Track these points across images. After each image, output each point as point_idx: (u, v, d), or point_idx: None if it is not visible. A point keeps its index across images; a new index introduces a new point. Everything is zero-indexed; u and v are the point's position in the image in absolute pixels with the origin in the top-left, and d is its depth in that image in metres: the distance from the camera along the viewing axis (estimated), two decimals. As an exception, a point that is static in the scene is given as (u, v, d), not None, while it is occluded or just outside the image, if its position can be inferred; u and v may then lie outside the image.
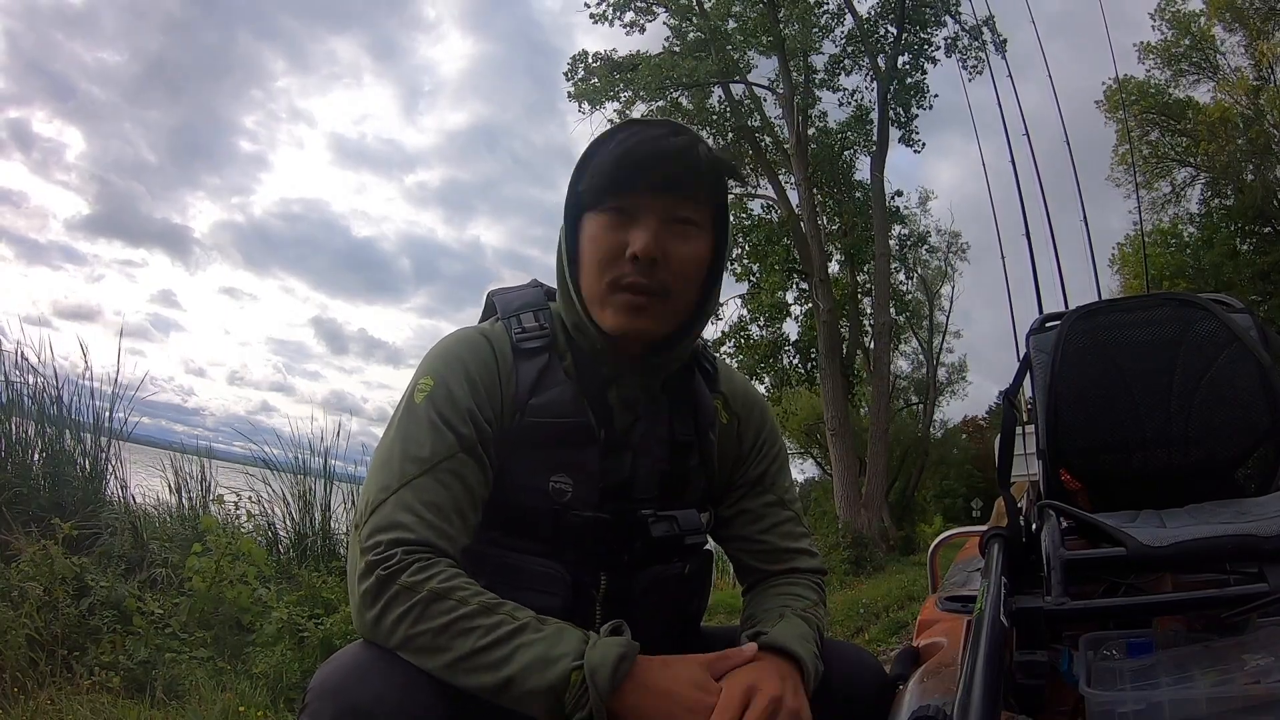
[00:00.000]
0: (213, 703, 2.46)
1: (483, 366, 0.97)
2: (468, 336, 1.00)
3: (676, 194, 0.95)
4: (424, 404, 0.93)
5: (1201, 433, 1.12)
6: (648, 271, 0.94)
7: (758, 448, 1.12)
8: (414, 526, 0.87)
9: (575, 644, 0.81)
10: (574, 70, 15.23)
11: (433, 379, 0.95)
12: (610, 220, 0.95)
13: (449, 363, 0.97)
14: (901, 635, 5.17)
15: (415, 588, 0.83)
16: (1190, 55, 17.75)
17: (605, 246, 0.95)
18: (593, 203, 0.96)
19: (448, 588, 0.84)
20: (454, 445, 0.92)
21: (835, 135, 16.20)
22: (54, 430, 3.64)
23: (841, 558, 10.66)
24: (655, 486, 1.02)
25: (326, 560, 3.98)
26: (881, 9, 15.67)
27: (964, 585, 1.20)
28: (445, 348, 0.99)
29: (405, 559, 0.85)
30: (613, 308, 0.95)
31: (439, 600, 0.83)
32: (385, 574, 0.85)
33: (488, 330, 1.02)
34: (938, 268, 24.89)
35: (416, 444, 0.91)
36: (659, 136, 0.96)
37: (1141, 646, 0.75)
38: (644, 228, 0.94)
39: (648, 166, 0.94)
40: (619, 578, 0.98)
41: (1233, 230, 18.34)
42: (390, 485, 0.90)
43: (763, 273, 16.18)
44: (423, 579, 0.84)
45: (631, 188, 0.94)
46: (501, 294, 1.08)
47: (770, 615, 0.99)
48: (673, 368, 1.04)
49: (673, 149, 0.95)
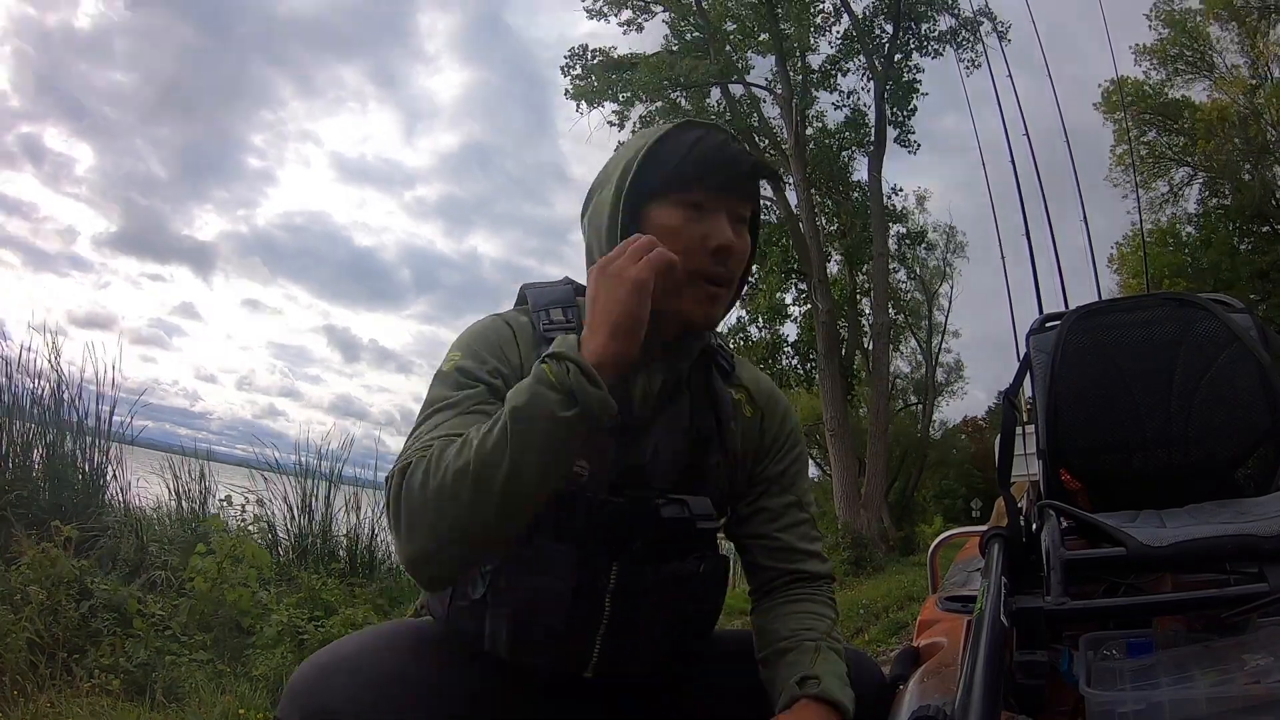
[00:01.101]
0: (212, 705, 2.46)
1: (506, 342, 1.01)
2: (491, 320, 1.05)
3: (742, 194, 1.02)
4: (451, 370, 0.98)
5: (1201, 433, 1.12)
6: (726, 263, 1.00)
7: (780, 443, 1.13)
8: (438, 442, 0.88)
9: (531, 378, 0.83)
10: (571, 65, 15.22)
11: (460, 352, 0.99)
12: (687, 213, 0.99)
13: (474, 339, 1.01)
14: (901, 635, 5.17)
15: (426, 450, 0.86)
16: (1185, 54, 17.76)
17: (688, 237, 0.98)
18: (669, 190, 1.00)
19: (455, 440, 0.85)
20: (483, 391, 0.95)
21: (833, 135, 16.21)
22: (55, 433, 3.64)
23: (841, 558, 10.66)
24: (673, 475, 1.02)
25: (326, 562, 3.98)
26: (876, 6, 15.68)
27: (964, 585, 1.20)
28: (471, 330, 1.04)
29: (423, 453, 0.87)
30: (694, 297, 1.00)
31: (448, 447, 0.85)
32: (404, 464, 0.86)
33: (511, 317, 1.05)
34: (936, 267, 24.93)
35: (443, 399, 0.95)
36: (725, 140, 1.03)
37: (1141, 646, 0.75)
38: (723, 224, 1.00)
39: (726, 166, 1.00)
40: (631, 570, 0.98)
41: (1231, 230, 18.35)
42: (421, 431, 0.92)
43: (761, 273, 16.19)
44: (434, 447, 0.86)
45: (712, 184, 1.00)
46: (534, 288, 1.10)
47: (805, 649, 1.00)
48: (694, 352, 1.06)
49: (737, 153, 1.02)
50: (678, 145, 1.01)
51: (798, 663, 0.97)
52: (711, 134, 1.03)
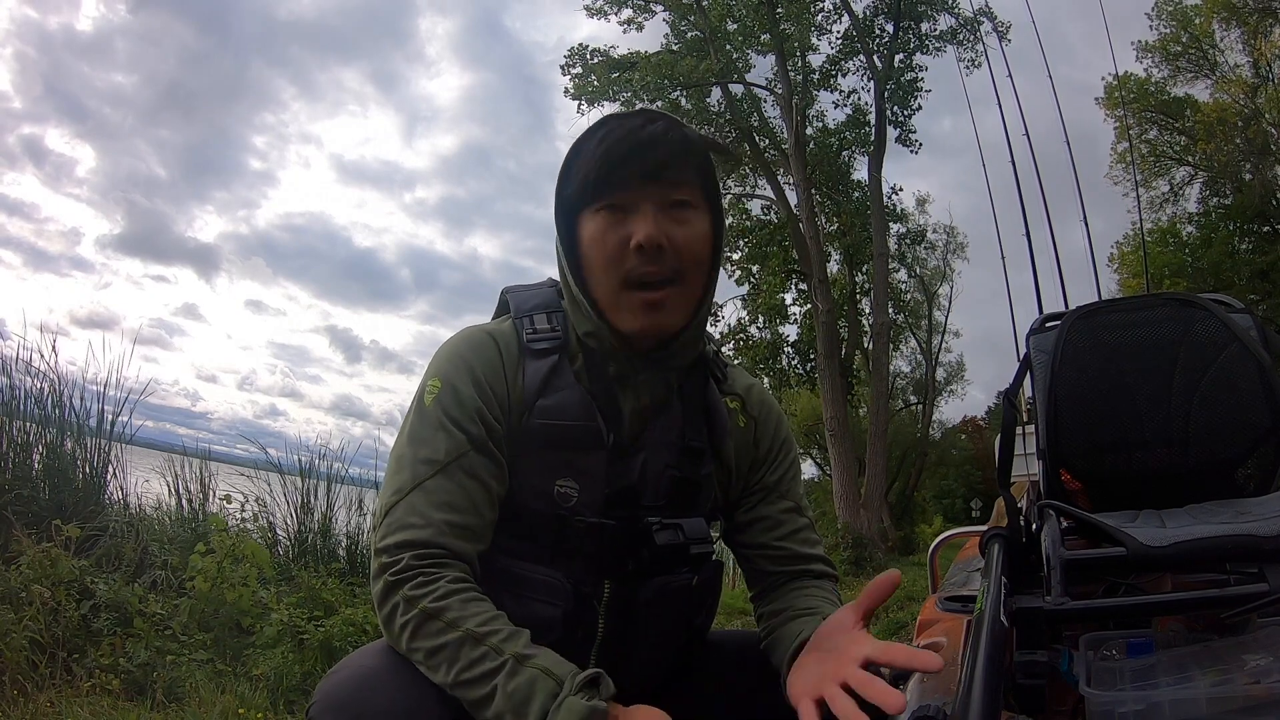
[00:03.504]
0: (212, 705, 2.45)
1: (488, 365, 0.96)
2: (473, 336, 1.00)
3: (667, 179, 0.94)
4: (433, 406, 0.94)
5: (1201, 433, 1.12)
6: (656, 259, 0.93)
7: (774, 453, 1.10)
8: (424, 528, 0.88)
9: (544, 699, 0.79)
10: (571, 64, 15.21)
11: (440, 381, 0.95)
12: (607, 217, 0.94)
13: (455, 364, 0.96)
14: (901, 635, 5.16)
15: (413, 602, 0.84)
16: (1189, 52, 17.74)
17: (609, 244, 0.93)
18: (586, 202, 0.95)
19: (439, 607, 0.84)
20: (464, 444, 0.92)
21: (834, 135, 16.20)
22: (55, 433, 3.64)
23: (841, 558, 10.66)
24: (665, 494, 1.00)
25: (326, 562, 3.98)
26: (877, 6, 15.67)
27: (964, 585, 1.20)
28: (452, 349, 0.99)
29: (412, 564, 0.86)
30: (629, 309, 0.95)
31: (430, 620, 0.84)
32: (392, 580, 0.86)
33: (495, 329, 1.01)
34: (936, 267, 24.92)
35: (428, 446, 0.92)
36: (637, 127, 0.95)
37: (1141, 646, 0.75)
38: (643, 217, 0.93)
39: (634, 157, 0.93)
40: (624, 586, 0.97)
41: (1231, 229, 18.34)
42: (403, 488, 0.90)
43: (762, 274, 16.19)
44: (420, 594, 0.85)
45: (622, 181, 0.93)
46: (516, 292, 1.06)
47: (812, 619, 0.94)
48: (685, 360, 1.02)
49: (652, 135, 0.94)
50: (586, 149, 0.96)
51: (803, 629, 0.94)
52: (622, 124, 0.95)
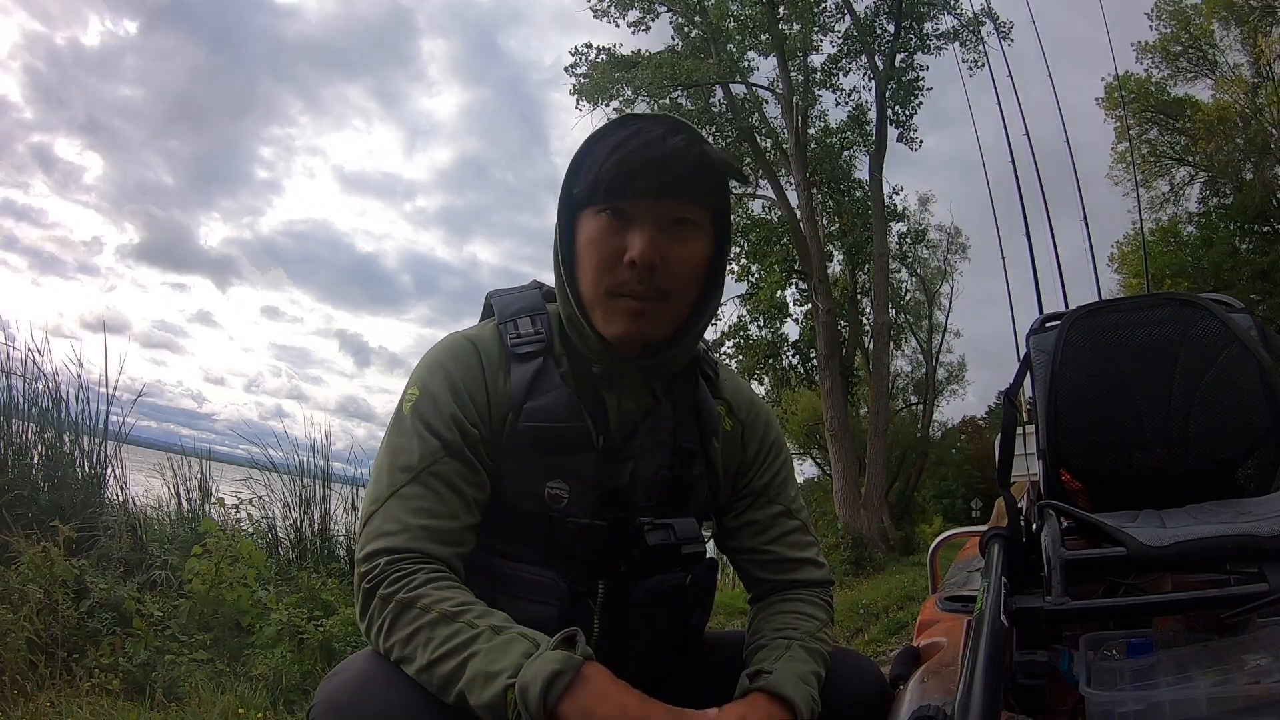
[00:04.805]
0: (212, 705, 2.45)
1: (467, 372, 0.97)
2: (453, 343, 1.00)
3: (676, 197, 0.92)
4: (410, 415, 0.95)
5: (1201, 433, 1.12)
6: (645, 278, 0.92)
7: (762, 456, 1.10)
8: (400, 534, 0.88)
9: (516, 657, 0.79)
10: (577, 63, 15.22)
11: (419, 389, 0.96)
12: (608, 223, 0.93)
13: (433, 372, 0.97)
14: (901, 635, 5.17)
15: (388, 599, 0.85)
16: (1189, 52, 17.73)
17: (604, 250, 0.93)
18: (590, 201, 0.94)
19: (414, 596, 0.85)
20: (439, 450, 0.92)
21: (835, 135, 16.19)
22: (54, 433, 3.64)
23: (841, 558, 10.66)
24: (656, 494, 1.00)
25: (326, 562, 3.98)
26: (879, 6, 15.66)
27: (964, 585, 1.20)
28: (431, 357, 0.99)
29: (386, 570, 0.87)
30: (612, 313, 0.94)
31: (406, 610, 0.84)
32: (369, 586, 0.87)
33: (476, 335, 1.00)
34: (937, 267, 24.92)
35: (403, 453, 0.93)
36: (656, 138, 0.91)
37: (1141, 646, 0.75)
38: (641, 233, 0.91)
39: (646, 172, 0.90)
40: (617, 586, 0.97)
41: (1232, 229, 18.33)
42: (380, 496, 0.91)
43: (762, 273, 16.17)
44: (395, 589, 0.85)
45: (630, 191, 0.91)
46: (500, 296, 1.06)
47: (776, 647, 0.97)
48: (671, 370, 1.03)
49: (670, 152, 0.91)
50: (601, 148, 0.93)
51: (762, 659, 0.95)
52: (642, 132, 0.92)
